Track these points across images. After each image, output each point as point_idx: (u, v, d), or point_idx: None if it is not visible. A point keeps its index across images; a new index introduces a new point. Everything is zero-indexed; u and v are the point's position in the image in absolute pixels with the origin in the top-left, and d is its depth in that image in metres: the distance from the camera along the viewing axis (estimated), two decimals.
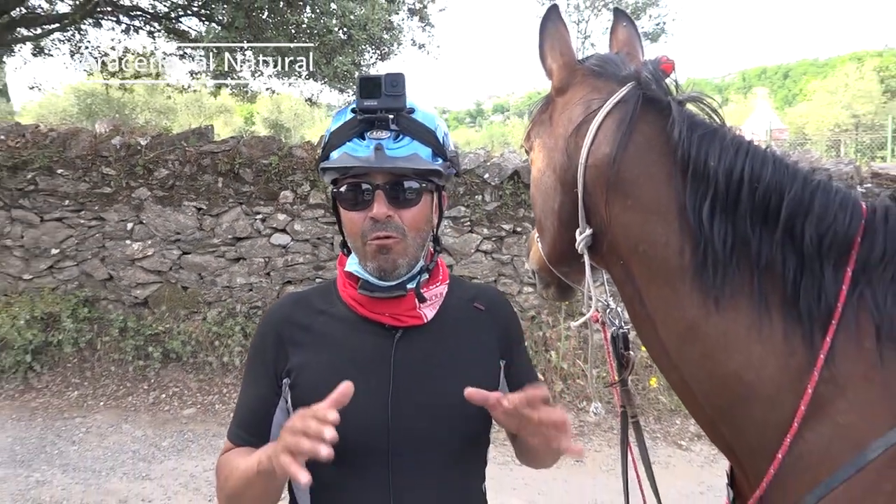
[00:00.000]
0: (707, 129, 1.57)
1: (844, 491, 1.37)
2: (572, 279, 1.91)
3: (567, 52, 1.78)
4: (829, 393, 1.41)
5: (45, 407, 7.03)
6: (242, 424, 1.65)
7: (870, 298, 1.42)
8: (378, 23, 9.23)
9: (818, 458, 1.40)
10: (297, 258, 7.69)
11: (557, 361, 7.14)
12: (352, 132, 1.55)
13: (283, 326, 1.65)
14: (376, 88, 1.53)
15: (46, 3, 11.86)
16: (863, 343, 1.41)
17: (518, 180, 7.36)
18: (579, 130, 1.65)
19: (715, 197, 1.50)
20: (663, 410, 6.86)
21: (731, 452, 1.63)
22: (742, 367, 1.48)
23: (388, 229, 1.55)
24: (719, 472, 5.84)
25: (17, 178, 7.90)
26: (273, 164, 7.63)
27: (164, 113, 30.24)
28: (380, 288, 1.60)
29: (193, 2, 11.52)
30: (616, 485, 5.57)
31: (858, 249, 1.45)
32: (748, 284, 1.48)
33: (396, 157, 1.54)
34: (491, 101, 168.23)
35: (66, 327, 7.49)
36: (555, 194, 1.73)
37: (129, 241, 7.86)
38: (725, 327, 1.49)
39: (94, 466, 5.83)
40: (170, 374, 7.49)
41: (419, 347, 1.62)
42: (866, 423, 1.37)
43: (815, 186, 1.49)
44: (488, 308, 1.76)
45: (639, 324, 1.67)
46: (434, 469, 1.57)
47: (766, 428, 1.47)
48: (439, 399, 1.59)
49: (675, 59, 1.68)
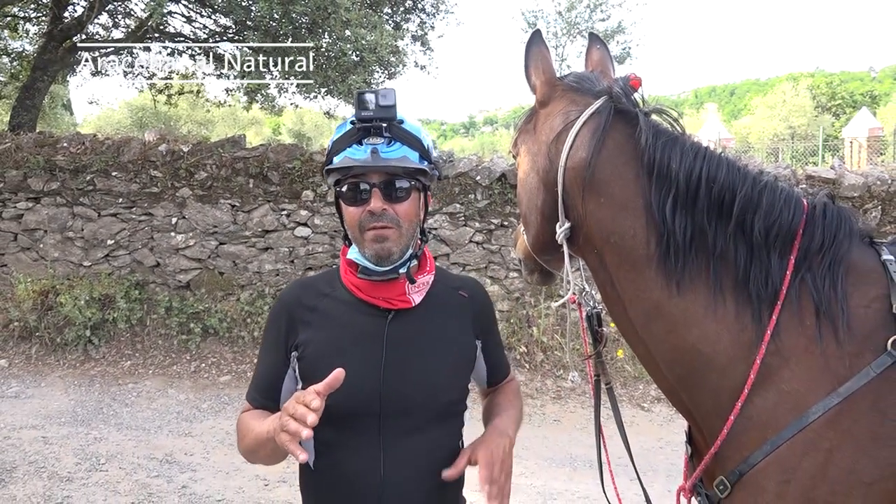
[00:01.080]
0: (670, 136, 1.56)
1: (788, 448, 1.36)
2: (553, 266, 1.90)
3: (548, 71, 1.76)
4: (776, 363, 1.40)
5: (102, 375, 7.02)
6: (258, 389, 1.70)
7: (810, 282, 1.42)
8: (386, 47, 9.17)
9: (765, 420, 1.40)
10: (317, 248, 7.66)
11: (539, 336, 7.12)
12: (351, 139, 1.57)
13: (293, 307, 1.67)
14: (371, 101, 1.55)
15: (103, 31, 11.79)
16: (804, 320, 1.40)
17: (505, 181, 7.33)
18: (559, 138, 1.63)
19: (676, 195, 1.49)
20: (628, 377, 6.85)
21: (689, 415, 1.62)
22: (699, 341, 1.47)
23: (384, 220, 1.56)
24: (677, 431, 5.84)
25: (78, 179, 7.86)
26: (296, 167, 7.60)
27: (203, 124, 30.18)
28: (377, 272, 1.60)
29: (228, 30, 11.47)
30: (588, 440, 5.58)
31: (800, 240, 1.45)
32: (705, 270, 1.48)
33: (389, 158, 1.55)
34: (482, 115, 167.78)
35: (120, 307, 7.47)
36: (538, 193, 1.72)
37: (173, 234, 7.82)
38: (685, 307, 1.48)
39: (143, 425, 5.82)
40: (208, 346, 7.47)
41: (408, 327, 1.64)
42: (807, 389, 1.37)
43: (762, 186, 1.49)
44: (470, 296, 1.78)
45: (610, 304, 1.66)
46: (418, 429, 1.60)
47: (720, 393, 1.47)
48: (424, 371, 1.61)
49: (642, 77, 1.66)
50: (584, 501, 4.60)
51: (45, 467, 4.91)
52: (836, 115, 45.81)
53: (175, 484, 4.73)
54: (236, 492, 4.60)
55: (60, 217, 7.92)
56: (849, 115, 40.74)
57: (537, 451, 5.40)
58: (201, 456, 5.20)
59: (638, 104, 1.62)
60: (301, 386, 1.64)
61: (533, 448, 5.44)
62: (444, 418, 1.65)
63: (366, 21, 8.96)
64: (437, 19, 11.78)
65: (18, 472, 4.82)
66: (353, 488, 1.58)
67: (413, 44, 11.71)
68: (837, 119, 44.20)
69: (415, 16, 11.56)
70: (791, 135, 35.27)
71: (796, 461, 1.35)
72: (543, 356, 7.06)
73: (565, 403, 6.50)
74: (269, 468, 4.55)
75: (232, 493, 4.59)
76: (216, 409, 6.22)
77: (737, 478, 1.43)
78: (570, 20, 25.20)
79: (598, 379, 1.89)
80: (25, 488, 4.59)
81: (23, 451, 5.18)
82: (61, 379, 6.88)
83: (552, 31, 26.25)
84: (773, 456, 1.37)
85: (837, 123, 41.55)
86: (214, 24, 11.67)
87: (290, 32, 9.40)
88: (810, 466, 1.34)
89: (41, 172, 7.86)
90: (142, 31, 10.68)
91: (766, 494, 1.38)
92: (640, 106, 1.62)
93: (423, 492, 1.60)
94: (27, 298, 7.45)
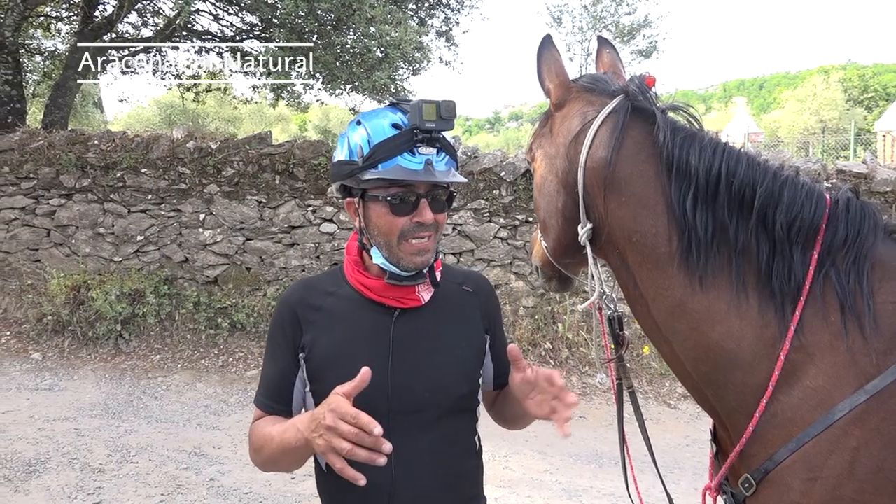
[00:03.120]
0: (688, 133, 1.56)
1: (814, 446, 1.34)
2: (572, 271, 1.90)
3: (562, 73, 1.77)
4: (800, 360, 1.39)
5: (133, 368, 7.14)
6: (268, 394, 1.66)
7: (834, 277, 1.41)
8: (410, 43, 9.17)
9: (790, 417, 1.39)
10: (343, 243, 7.68)
11: (564, 332, 7.10)
12: (404, 146, 1.52)
13: (298, 307, 1.66)
14: (435, 112, 1.53)
15: (133, 29, 11.96)
16: (829, 316, 1.39)
17: (529, 178, 7.30)
18: (578, 138, 1.64)
19: (696, 191, 1.49)
20: (654, 374, 6.81)
21: (714, 412, 1.61)
22: (723, 338, 1.46)
23: (430, 230, 1.57)
24: (703, 428, 5.79)
25: (108, 176, 7.99)
26: (322, 163, 7.64)
27: (230, 121, 30.42)
28: (406, 277, 1.60)
29: (255, 27, 11.56)
30: (614, 437, 5.54)
31: (823, 235, 1.43)
32: (727, 266, 1.47)
33: (440, 170, 1.54)
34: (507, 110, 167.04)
35: (149, 301, 7.58)
36: (557, 195, 1.71)
37: (201, 230, 7.91)
38: (708, 304, 1.47)
39: (172, 418, 5.91)
40: (236, 341, 7.56)
41: (414, 324, 1.64)
42: (833, 385, 1.35)
43: (783, 180, 1.48)
44: (475, 290, 1.77)
45: (633, 303, 1.66)
46: (429, 426, 1.60)
47: (744, 391, 1.46)
48: (431, 367, 1.61)
49: (658, 75, 1.67)
50: (609, 499, 4.59)
51: (77, 459, 5.01)
52: (869, 109, 44.96)
53: (203, 476, 4.80)
54: (263, 485, 4.66)
55: (92, 213, 8.06)
56: (882, 109, 39.98)
57: (562, 448, 5.39)
58: (229, 449, 5.27)
59: (654, 102, 1.62)
60: (309, 388, 1.63)
61: (558, 444, 5.43)
62: (456, 414, 1.65)
63: (390, 17, 8.97)
64: (461, 15, 11.76)
65: (52, 463, 4.92)
66: (365, 488, 1.56)
67: (438, 40, 11.70)
68: (870, 112, 43.36)
69: (439, 11, 11.55)
70: (822, 129, 34.63)
71: (823, 459, 1.34)
72: (568, 353, 7.03)
73: (591, 400, 6.47)
74: None
75: (259, 486, 4.65)
76: (243, 404, 6.29)
77: (762, 476, 1.42)
78: (596, 14, 25.02)
79: (620, 383, 1.88)
80: (59, 479, 4.69)
81: (56, 442, 5.29)
82: (93, 372, 7.01)
83: (577, 25, 26.11)
84: (799, 453, 1.36)
85: (870, 117, 40.78)
86: (241, 22, 11.77)
87: (315, 29, 9.45)
88: (837, 464, 1.32)
89: (73, 169, 8.01)
90: (170, 29, 10.81)
91: (791, 492, 1.37)
92: (657, 103, 1.62)
93: (435, 488, 1.59)
94: (60, 293, 7.60)
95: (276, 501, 4.48)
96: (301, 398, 1.66)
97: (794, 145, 26.64)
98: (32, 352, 7.42)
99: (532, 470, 5.04)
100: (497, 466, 5.00)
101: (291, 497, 4.52)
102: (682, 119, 1.63)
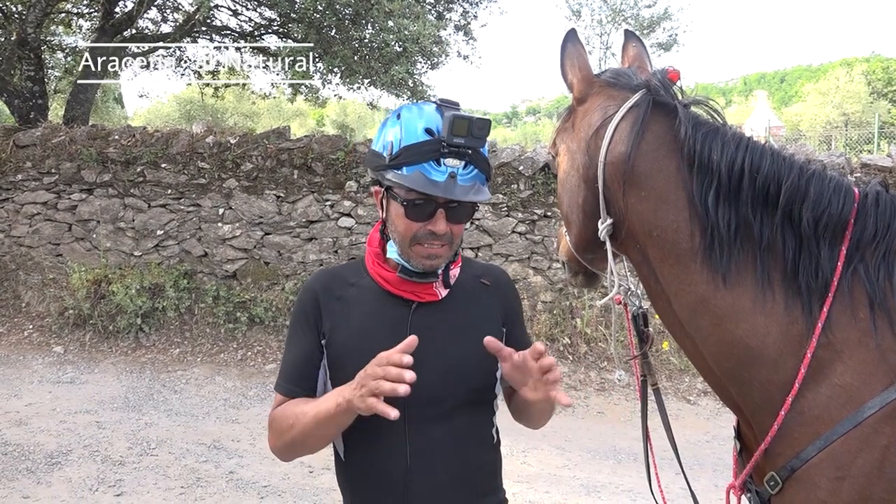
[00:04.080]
0: (710, 127, 1.54)
1: (842, 444, 1.32)
2: (596, 266, 1.87)
3: (585, 68, 1.74)
4: (828, 357, 1.37)
5: (153, 362, 7.20)
6: (292, 379, 1.65)
7: (863, 273, 1.38)
8: (428, 37, 9.15)
9: (818, 415, 1.36)
10: (360, 238, 7.71)
11: (582, 327, 7.07)
12: (429, 155, 1.50)
13: (321, 294, 1.67)
14: (467, 129, 1.50)
15: (152, 25, 12.05)
16: (857, 313, 1.37)
17: (548, 172, 7.26)
18: (598, 133, 1.62)
19: (719, 186, 1.46)
20: (674, 370, 6.76)
21: (738, 409, 1.59)
22: (748, 335, 1.44)
23: (443, 240, 1.57)
24: (723, 424, 5.75)
25: (128, 171, 8.06)
26: (340, 158, 7.66)
27: (249, 116, 30.61)
28: (417, 275, 1.62)
29: (273, 22, 11.59)
30: (632, 433, 5.53)
31: (852, 230, 1.41)
32: (752, 262, 1.45)
33: (465, 185, 1.53)
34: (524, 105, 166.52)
35: (169, 295, 7.64)
36: (579, 191, 1.70)
37: (220, 224, 7.96)
38: (732, 300, 1.45)
39: (192, 411, 5.96)
40: (255, 335, 7.60)
41: (432, 316, 1.64)
42: (862, 383, 1.33)
43: (810, 175, 1.45)
44: (493, 284, 1.77)
45: (655, 299, 1.64)
46: (445, 418, 1.60)
47: (769, 388, 1.43)
48: (449, 358, 1.61)
49: (681, 69, 1.65)
50: (627, 495, 4.56)
51: (98, 451, 5.07)
52: (894, 102, 44.25)
53: (222, 469, 4.83)
54: (282, 478, 4.68)
55: (112, 208, 8.14)
56: None
57: (581, 444, 5.37)
58: (248, 442, 5.31)
59: (677, 96, 1.60)
60: (329, 375, 1.63)
61: (576, 440, 5.41)
62: (472, 406, 1.65)
63: (408, 11, 8.95)
64: (480, 8, 11.70)
65: (73, 455, 4.98)
66: (382, 478, 1.59)
67: (456, 33, 11.65)
68: (894, 105, 42.69)
69: (457, 5, 11.50)
70: (845, 122, 34.15)
71: (851, 458, 1.31)
72: (587, 348, 7.00)
73: (609, 395, 6.44)
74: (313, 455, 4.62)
75: (278, 479, 4.67)
76: (262, 397, 6.32)
77: (789, 474, 1.40)
78: (616, 7, 24.82)
79: (644, 379, 1.86)
80: (80, 471, 4.74)
81: (78, 434, 5.35)
82: (114, 365, 7.08)
83: (597, 18, 25.91)
84: (827, 452, 1.34)
85: (894, 110, 40.14)
86: (260, 17, 11.81)
87: (333, 24, 9.46)
88: (866, 463, 1.30)
89: (94, 164, 8.08)
90: (189, 25, 10.88)
91: (819, 491, 1.35)
92: (679, 98, 1.60)
93: (450, 479, 1.60)
94: (81, 287, 7.68)
95: (295, 494, 4.50)
96: (323, 386, 1.65)
97: (816, 139, 26.33)
98: (54, 345, 7.51)
99: (550, 465, 5.02)
100: (515, 462, 4.98)
101: (310, 490, 4.54)
102: (705, 113, 1.60)
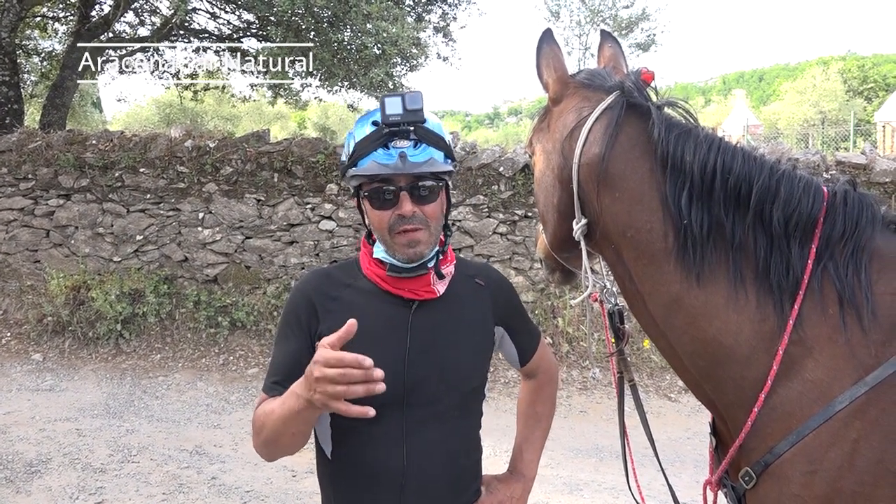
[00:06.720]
0: (683, 128, 1.55)
1: (814, 438, 1.34)
2: (573, 264, 1.88)
3: (560, 68, 1.76)
4: (799, 353, 1.39)
5: (133, 368, 7.14)
6: (279, 378, 1.60)
7: (832, 271, 1.40)
8: (407, 39, 9.14)
9: (790, 410, 1.38)
10: (342, 241, 7.70)
11: (564, 327, 7.10)
12: (377, 143, 1.54)
13: (315, 295, 1.65)
14: (400, 105, 1.52)
15: (129, 29, 11.95)
16: (827, 309, 1.39)
17: (528, 173, 7.29)
18: (573, 134, 1.63)
19: (692, 187, 1.48)
20: (655, 368, 6.80)
21: (713, 406, 1.61)
22: (721, 333, 1.46)
23: (414, 222, 1.57)
24: (704, 421, 5.79)
25: (107, 176, 7.98)
26: (320, 161, 7.64)
27: (229, 119, 30.43)
28: (406, 269, 1.61)
29: (252, 25, 11.54)
30: (614, 431, 5.54)
31: (821, 228, 1.43)
32: (724, 262, 1.46)
33: (417, 162, 1.55)
34: (506, 105, 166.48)
35: (149, 301, 7.58)
36: (554, 191, 1.72)
37: (200, 228, 7.91)
38: (706, 299, 1.47)
39: (174, 417, 5.91)
40: (236, 339, 7.56)
41: (431, 317, 1.64)
42: (832, 378, 1.35)
43: (780, 175, 1.48)
44: (487, 283, 1.79)
45: (630, 298, 1.66)
46: (441, 418, 1.61)
47: (743, 385, 1.45)
48: (447, 359, 1.62)
49: (657, 69, 1.67)
50: (610, 492, 4.59)
51: (78, 459, 5.02)
52: (869, 99, 44.85)
53: (205, 475, 4.80)
54: (265, 483, 4.66)
55: (90, 213, 8.06)
56: (882, 99, 39.87)
57: (563, 442, 5.39)
58: (230, 448, 5.28)
59: (650, 98, 1.61)
60: None
61: (559, 439, 5.43)
62: (466, 407, 1.68)
63: (387, 13, 8.94)
64: (459, 10, 11.71)
65: (53, 464, 4.92)
66: (375, 477, 1.58)
67: (435, 35, 11.66)
68: (870, 103, 43.26)
69: (436, 7, 11.51)
70: (822, 120, 34.55)
71: (822, 451, 1.33)
72: (569, 347, 7.03)
73: (591, 394, 6.48)
74: (296, 459, 4.60)
75: (260, 484, 4.65)
76: (244, 402, 6.29)
77: (762, 469, 1.42)
78: (594, 8, 24.95)
79: (621, 376, 1.88)
80: (60, 479, 4.69)
81: (58, 442, 5.29)
82: (94, 372, 7.01)
83: (576, 19, 26.04)
84: (799, 446, 1.36)
85: (870, 108, 40.69)
86: (238, 20, 11.75)
87: (312, 26, 9.43)
88: (837, 457, 1.32)
89: (71, 170, 8.00)
90: (167, 28, 10.79)
91: (791, 485, 1.37)
92: (653, 99, 1.61)
93: (444, 480, 1.61)
94: (60, 294, 7.60)
95: (278, 499, 4.48)
96: None
97: (793, 137, 26.63)
98: (33, 353, 7.42)
99: None
100: (498, 461, 4.99)
101: (293, 494, 4.52)
102: (678, 115, 1.62)
